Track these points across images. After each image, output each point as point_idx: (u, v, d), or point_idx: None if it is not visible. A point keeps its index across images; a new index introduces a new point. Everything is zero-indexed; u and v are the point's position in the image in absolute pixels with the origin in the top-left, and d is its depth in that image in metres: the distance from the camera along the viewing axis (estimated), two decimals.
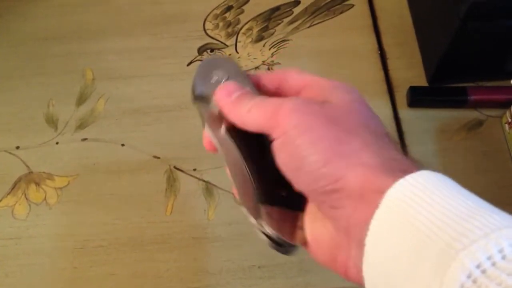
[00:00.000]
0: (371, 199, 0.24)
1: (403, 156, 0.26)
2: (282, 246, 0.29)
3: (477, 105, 0.60)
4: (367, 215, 0.23)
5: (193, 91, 0.32)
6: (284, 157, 0.27)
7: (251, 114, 0.29)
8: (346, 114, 0.28)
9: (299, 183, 0.27)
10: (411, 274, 0.21)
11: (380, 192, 0.23)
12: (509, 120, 0.57)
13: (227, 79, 0.32)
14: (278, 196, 0.29)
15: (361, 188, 0.24)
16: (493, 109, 0.60)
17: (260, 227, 0.29)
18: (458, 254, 0.20)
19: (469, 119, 0.60)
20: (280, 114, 0.27)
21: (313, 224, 0.29)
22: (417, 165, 0.25)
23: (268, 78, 0.32)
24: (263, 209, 0.29)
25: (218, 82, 0.32)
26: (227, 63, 0.33)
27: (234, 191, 0.31)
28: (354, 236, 0.24)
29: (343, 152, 0.25)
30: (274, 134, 0.27)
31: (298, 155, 0.26)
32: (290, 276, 0.51)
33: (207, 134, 0.32)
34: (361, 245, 0.24)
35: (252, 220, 0.29)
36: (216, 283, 0.51)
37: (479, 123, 0.59)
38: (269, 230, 0.28)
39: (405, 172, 0.24)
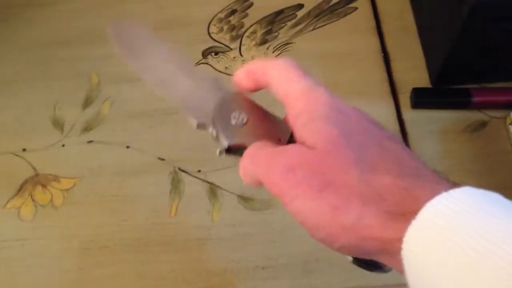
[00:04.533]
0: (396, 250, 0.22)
1: (415, 179, 0.23)
2: (368, 264, 0.29)
3: (480, 106, 0.60)
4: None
5: (220, 142, 0.31)
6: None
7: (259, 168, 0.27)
8: (332, 163, 0.25)
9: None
10: None
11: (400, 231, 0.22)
12: None
13: (247, 120, 0.31)
14: None
15: (384, 250, 0.23)
16: (497, 110, 0.60)
17: None
18: None
19: (472, 120, 0.60)
20: (270, 182, 0.26)
21: None
22: (445, 183, 0.23)
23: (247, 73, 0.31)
24: None
25: (239, 125, 0.31)
26: (241, 99, 0.32)
27: None
28: None
29: (344, 223, 0.24)
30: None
31: (309, 234, 0.26)
32: (294, 277, 0.51)
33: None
34: None
35: None
36: (220, 284, 0.51)
37: (483, 125, 0.59)
38: None
39: (431, 191, 0.22)
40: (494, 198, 0.22)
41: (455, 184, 0.23)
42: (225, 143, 0.31)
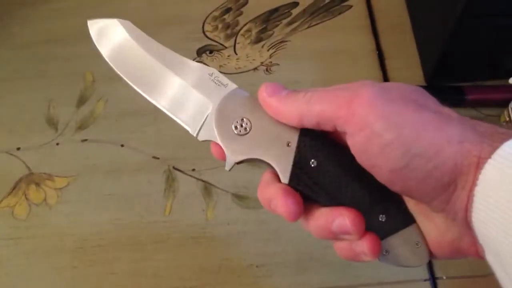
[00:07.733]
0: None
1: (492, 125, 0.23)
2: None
3: (475, 104, 0.60)
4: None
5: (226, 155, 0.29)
6: (375, 157, 0.23)
7: (312, 105, 0.25)
8: (423, 96, 0.24)
9: (400, 183, 0.23)
10: None
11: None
12: (507, 119, 0.57)
13: (250, 127, 0.29)
14: (377, 223, 0.27)
15: (476, 169, 0.22)
16: (491, 108, 0.60)
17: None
18: None
19: None
20: (356, 103, 0.23)
21: (422, 225, 0.26)
22: None
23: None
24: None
25: (242, 135, 0.28)
26: (242, 100, 0.29)
27: None
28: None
29: (450, 136, 0.22)
30: (349, 127, 0.24)
31: (397, 151, 0.22)
32: (287, 275, 0.51)
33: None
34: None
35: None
36: (214, 282, 0.51)
37: None
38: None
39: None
40: None
41: None
42: (231, 161, 0.29)
